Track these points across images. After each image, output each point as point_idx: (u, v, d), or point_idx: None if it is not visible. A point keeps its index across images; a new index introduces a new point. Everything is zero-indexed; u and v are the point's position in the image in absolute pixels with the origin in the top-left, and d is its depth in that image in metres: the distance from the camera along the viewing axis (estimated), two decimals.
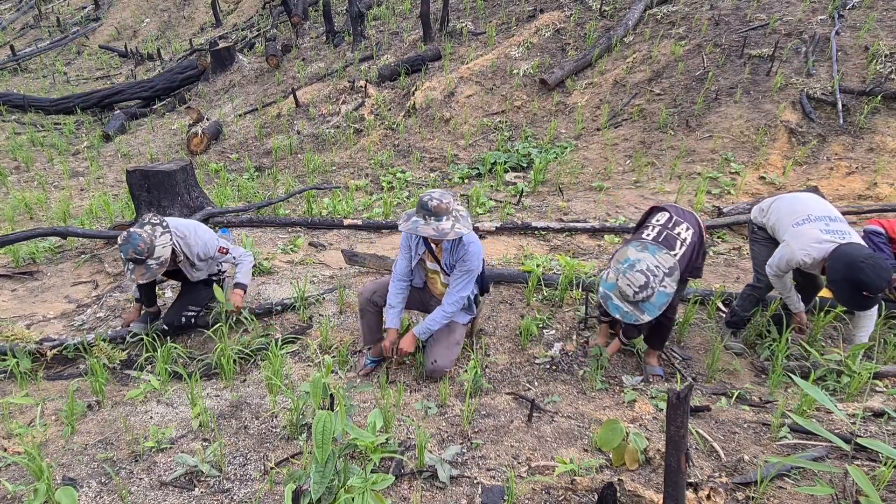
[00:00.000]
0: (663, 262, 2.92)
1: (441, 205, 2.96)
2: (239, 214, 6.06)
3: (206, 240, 3.64)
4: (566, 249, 5.34)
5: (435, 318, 3.24)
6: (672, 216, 3.26)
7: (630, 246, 3.03)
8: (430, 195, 3.00)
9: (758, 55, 7.76)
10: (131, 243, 3.32)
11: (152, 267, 3.37)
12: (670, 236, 3.13)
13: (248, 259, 3.85)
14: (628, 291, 2.91)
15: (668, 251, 3.00)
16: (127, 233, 3.38)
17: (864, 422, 2.81)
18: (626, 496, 2.27)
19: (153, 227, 3.47)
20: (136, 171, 5.68)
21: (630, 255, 2.97)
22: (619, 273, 2.95)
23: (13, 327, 3.93)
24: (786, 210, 3.37)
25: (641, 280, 2.88)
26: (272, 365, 3.15)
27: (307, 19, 13.70)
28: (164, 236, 3.44)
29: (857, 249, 2.99)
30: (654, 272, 2.89)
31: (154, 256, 3.37)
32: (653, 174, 6.85)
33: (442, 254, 3.25)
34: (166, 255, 3.41)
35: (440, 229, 2.95)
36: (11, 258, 5.21)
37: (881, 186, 6.05)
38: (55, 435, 2.88)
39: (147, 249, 3.34)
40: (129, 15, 18.64)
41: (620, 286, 2.93)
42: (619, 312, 2.96)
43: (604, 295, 3.02)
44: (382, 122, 9.22)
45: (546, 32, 9.86)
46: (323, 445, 1.88)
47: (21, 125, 11.68)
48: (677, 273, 2.93)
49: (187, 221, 3.75)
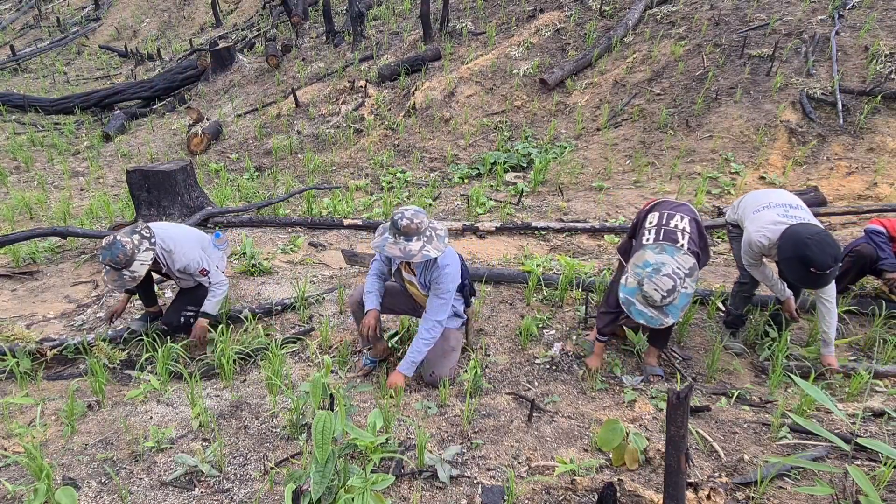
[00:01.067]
0: (683, 263, 2.89)
1: (411, 225, 2.89)
2: (239, 214, 6.06)
3: (190, 258, 3.62)
4: (566, 249, 5.34)
5: (416, 349, 3.14)
6: (663, 213, 3.23)
7: (647, 249, 2.98)
8: (402, 213, 2.93)
9: (758, 55, 7.76)
10: (111, 251, 3.32)
11: (125, 277, 3.36)
12: (668, 231, 3.10)
13: (220, 290, 3.77)
14: (656, 296, 2.84)
15: (675, 245, 2.98)
16: (113, 238, 3.38)
17: (864, 422, 2.81)
18: (626, 496, 2.27)
19: (141, 239, 3.45)
20: (136, 171, 5.68)
21: (649, 259, 2.92)
22: (644, 278, 2.88)
23: (13, 327, 3.93)
24: (750, 202, 3.41)
25: (669, 284, 2.83)
26: (272, 365, 3.15)
27: (307, 19, 13.70)
28: (146, 252, 3.42)
29: (806, 228, 3.00)
30: (678, 274, 2.85)
31: (130, 269, 3.36)
32: (653, 174, 6.85)
33: (415, 269, 3.21)
34: (141, 272, 3.39)
35: (406, 250, 2.88)
36: (11, 258, 5.20)
37: (881, 186, 6.05)
38: (55, 435, 2.88)
39: (125, 261, 3.34)
40: (129, 15, 18.65)
41: (647, 291, 2.86)
42: (644, 318, 2.90)
43: (625, 301, 2.95)
44: (382, 122, 9.22)
45: (546, 32, 9.86)
46: (323, 445, 1.88)
47: (21, 125, 11.68)
48: (697, 273, 2.91)
49: (180, 234, 3.71)
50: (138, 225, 3.56)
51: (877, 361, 3.40)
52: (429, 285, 3.14)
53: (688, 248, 3.01)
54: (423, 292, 3.28)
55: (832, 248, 2.91)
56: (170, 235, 3.63)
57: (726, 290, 4.18)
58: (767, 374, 3.37)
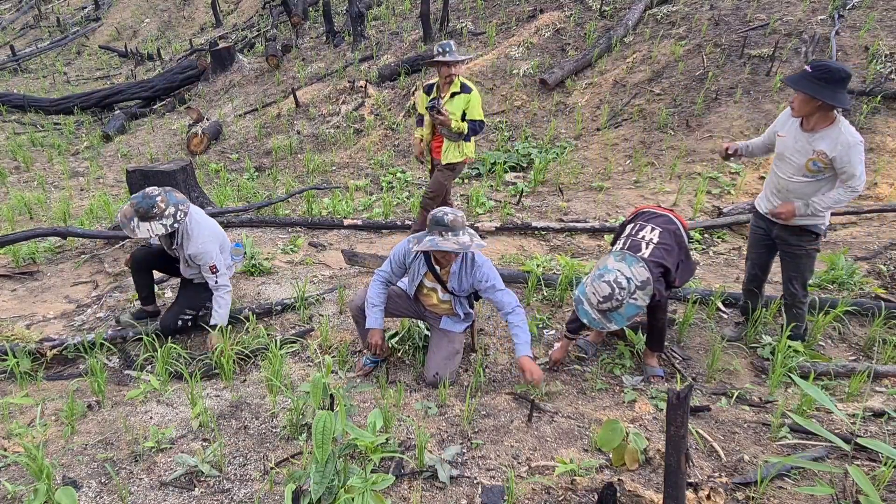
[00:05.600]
0: (637, 275, 2.93)
1: (456, 220, 2.98)
2: (239, 214, 6.06)
3: (205, 250, 3.61)
4: (566, 249, 5.34)
5: (524, 329, 3.14)
6: (638, 223, 3.31)
7: (611, 255, 3.08)
8: (443, 211, 3.01)
9: (758, 55, 7.76)
10: (143, 200, 3.35)
11: (131, 223, 3.36)
12: (635, 242, 3.18)
13: (226, 296, 3.76)
14: (593, 300, 2.98)
15: (635, 255, 3.02)
16: (159, 192, 3.40)
17: (864, 422, 2.81)
18: (626, 496, 2.27)
19: (175, 212, 3.45)
20: (136, 172, 5.68)
21: (608, 264, 3.01)
22: (590, 280, 3.02)
23: (13, 327, 3.93)
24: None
25: (605, 291, 2.93)
26: (272, 365, 3.15)
27: (307, 19, 13.70)
28: (161, 224, 3.40)
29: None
30: (621, 284, 2.91)
31: (140, 226, 3.36)
32: (653, 174, 6.85)
33: (449, 277, 3.23)
34: (142, 236, 3.40)
35: (461, 242, 2.96)
36: (11, 258, 5.20)
37: (881, 186, 6.05)
38: (55, 435, 2.88)
39: (143, 215, 3.35)
40: (129, 15, 18.65)
41: (587, 293, 3.01)
42: (587, 318, 3.03)
43: (577, 298, 3.09)
44: (382, 122, 9.22)
45: (546, 32, 9.86)
46: (323, 445, 1.88)
47: (21, 125, 11.68)
48: (650, 287, 2.94)
49: (208, 225, 3.72)
50: (184, 201, 3.56)
51: (877, 361, 3.40)
52: (467, 289, 3.23)
53: (650, 259, 3.04)
54: (443, 299, 3.31)
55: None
56: (198, 221, 3.66)
57: (726, 290, 4.18)
58: (767, 374, 3.37)
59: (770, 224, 3.42)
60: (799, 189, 3.20)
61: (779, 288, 3.70)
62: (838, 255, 4.50)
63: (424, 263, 3.25)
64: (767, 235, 3.46)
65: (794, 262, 3.39)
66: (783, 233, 3.35)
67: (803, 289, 3.43)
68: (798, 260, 3.37)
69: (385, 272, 3.34)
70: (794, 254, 3.36)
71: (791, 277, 3.43)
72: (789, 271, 3.44)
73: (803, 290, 3.43)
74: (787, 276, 3.46)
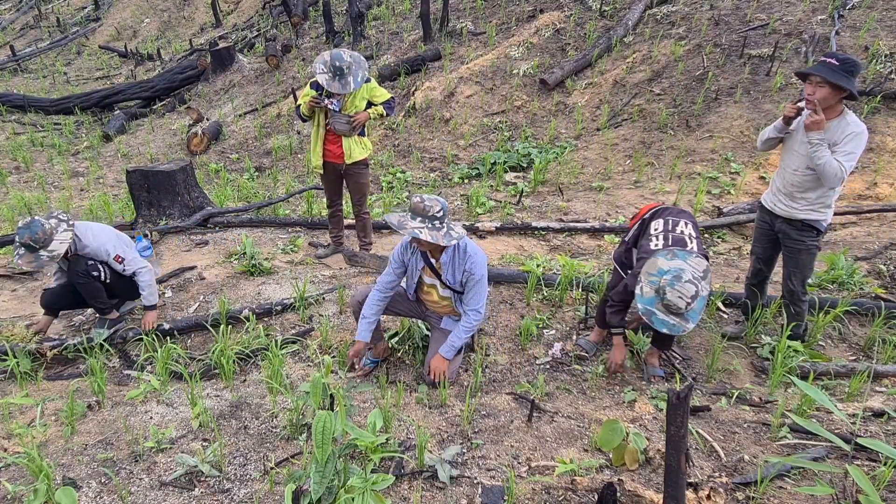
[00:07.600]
0: (697, 266, 2.84)
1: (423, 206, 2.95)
2: (239, 214, 6.06)
3: (101, 243, 3.74)
4: (566, 249, 5.34)
5: (458, 335, 3.19)
6: (668, 219, 3.25)
7: (658, 256, 2.93)
8: (419, 197, 3.00)
9: (758, 55, 7.76)
10: (31, 229, 3.43)
11: (42, 258, 3.46)
12: (676, 237, 3.11)
13: (145, 276, 3.82)
14: (681, 304, 2.77)
15: (685, 249, 2.98)
16: (31, 218, 3.50)
17: (864, 422, 2.81)
18: (626, 496, 2.27)
19: (59, 222, 3.57)
20: (136, 172, 5.68)
21: (663, 266, 2.85)
22: (665, 286, 2.80)
23: (13, 327, 3.93)
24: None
25: (693, 290, 2.77)
26: (272, 365, 3.15)
27: (307, 19, 13.70)
28: (65, 233, 3.54)
29: None
30: (697, 278, 2.81)
31: (48, 249, 3.47)
32: (653, 174, 6.85)
33: (442, 268, 3.22)
34: (60, 251, 3.50)
35: (410, 227, 2.92)
36: (11, 258, 5.20)
37: (881, 186, 6.05)
38: (55, 435, 2.88)
39: (43, 240, 3.45)
40: (129, 15, 18.64)
41: (670, 299, 2.78)
42: (666, 326, 2.84)
43: (646, 311, 2.87)
44: (382, 122, 9.22)
45: (546, 32, 9.86)
46: (323, 445, 1.88)
47: (21, 125, 11.68)
48: (710, 274, 2.89)
49: (98, 227, 3.83)
50: (53, 211, 3.70)
51: (877, 361, 3.40)
52: (459, 281, 3.19)
53: (698, 252, 3.01)
54: (444, 295, 3.29)
55: None
56: (86, 225, 3.79)
57: (726, 290, 4.18)
58: (767, 374, 3.37)
59: (773, 218, 3.44)
60: (805, 182, 3.20)
61: (779, 288, 3.70)
62: (838, 254, 4.50)
63: (421, 258, 3.26)
64: (772, 229, 3.48)
65: (795, 258, 3.40)
66: (786, 227, 3.36)
67: (802, 286, 3.43)
68: (798, 256, 3.37)
69: (386, 277, 3.32)
70: (795, 249, 3.37)
71: (791, 273, 3.44)
72: (789, 267, 3.44)
73: (802, 287, 3.43)
74: (787, 272, 3.47)
